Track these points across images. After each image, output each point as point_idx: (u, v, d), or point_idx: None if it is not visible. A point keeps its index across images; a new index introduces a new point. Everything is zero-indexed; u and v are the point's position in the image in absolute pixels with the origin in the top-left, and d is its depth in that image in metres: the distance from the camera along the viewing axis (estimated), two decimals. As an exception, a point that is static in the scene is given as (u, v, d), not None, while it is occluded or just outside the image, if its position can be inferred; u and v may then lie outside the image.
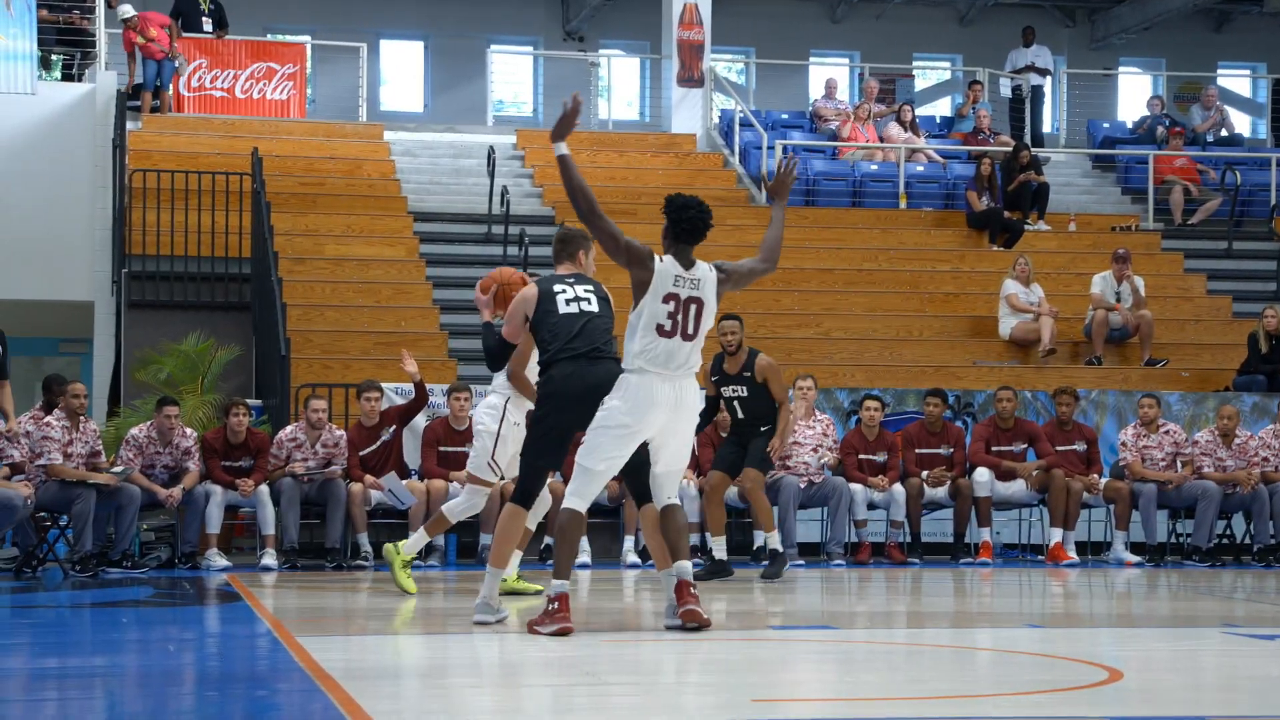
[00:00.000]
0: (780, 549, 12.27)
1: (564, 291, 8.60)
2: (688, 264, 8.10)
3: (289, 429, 13.45)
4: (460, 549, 13.73)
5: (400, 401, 13.79)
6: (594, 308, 8.52)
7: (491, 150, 18.78)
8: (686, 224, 8.10)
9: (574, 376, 8.28)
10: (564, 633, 7.89)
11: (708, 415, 12.50)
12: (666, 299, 8.00)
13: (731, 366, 12.26)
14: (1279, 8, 25.78)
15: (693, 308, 8.03)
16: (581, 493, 8.12)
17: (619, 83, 25.72)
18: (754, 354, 12.26)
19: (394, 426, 13.48)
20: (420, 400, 13.51)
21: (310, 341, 15.68)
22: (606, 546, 13.84)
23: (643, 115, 26.26)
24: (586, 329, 8.41)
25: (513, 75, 26.88)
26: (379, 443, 13.43)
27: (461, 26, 25.96)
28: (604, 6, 25.47)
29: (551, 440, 8.40)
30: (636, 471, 8.36)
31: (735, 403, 12.20)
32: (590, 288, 8.63)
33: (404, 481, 13.28)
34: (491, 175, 18.35)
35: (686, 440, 8.23)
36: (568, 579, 8.10)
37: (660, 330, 7.98)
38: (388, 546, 10.50)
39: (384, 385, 13.86)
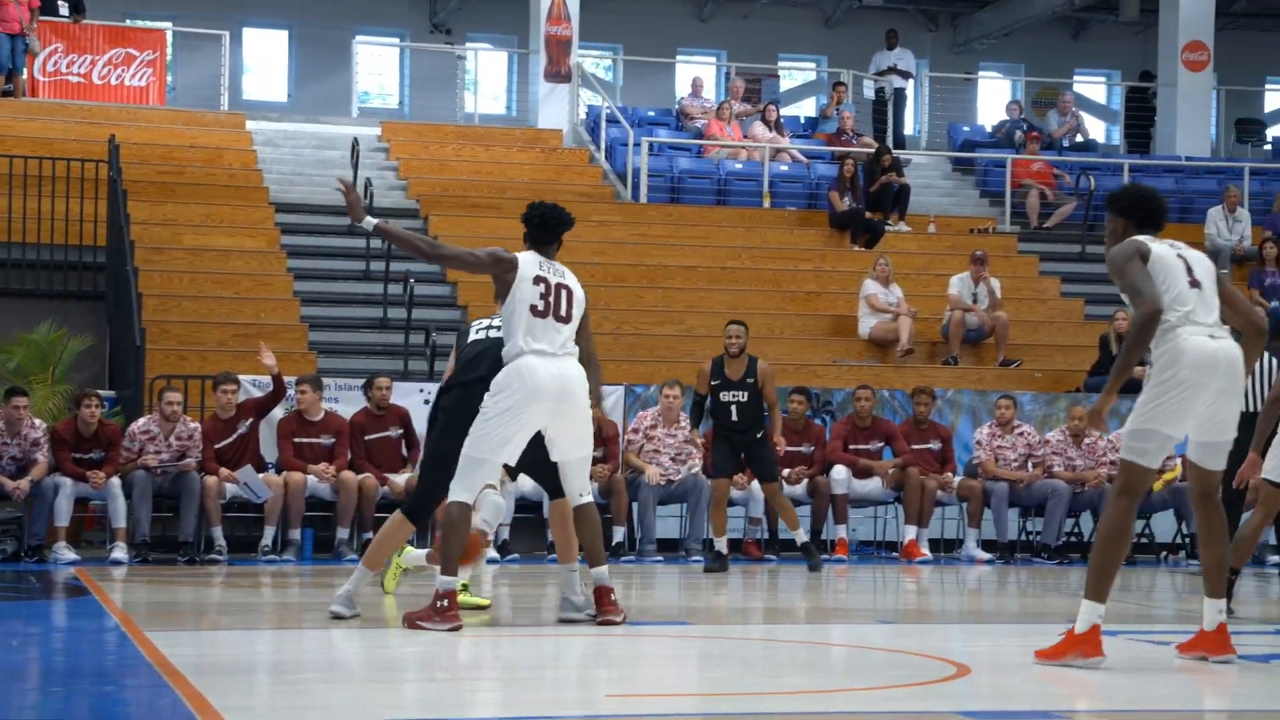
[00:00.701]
0: (810, 543, 12.91)
1: (479, 320, 8.72)
2: (549, 257, 8.23)
3: (142, 421, 13.23)
4: (316, 544, 13.59)
5: (258, 394, 13.62)
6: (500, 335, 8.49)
7: (355, 142, 18.62)
8: (538, 220, 8.22)
9: (462, 401, 8.28)
10: (455, 630, 7.84)
11: (697, 414, 12.74)
12: (536, 281, 8.07)
13: (734, 371, 12.60)
14: (1133, 17, 26.34)
15: (563, 292, 8.11)
16: (467, 485, 8.06)
17: (486, 76, 25.63)
18: (754, 360, 12.64)
19: (250, 419, 13.31)
20: (278, 393, 13.36)
21: (166, 332, 15.43)
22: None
23: (509, 109, 26.17)
24: (485, 354, 8.38)
25: (379, 67, 26.66)
26: (235, 435, 13.25)
27: (327, 16, 25.68)
28: (471, 0, 25.35)
29: (442, 461, 8.31)
30: (547, 470, 8.34)
31: (733, 407, 12.57)
32: None
33: (260, 475, 13.13)
34: (355, 167, 18.19)
35: (580, 426, 8.16)
36: (456, 575, 8.04)
37: (534, 310, 8.02)
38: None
39: (241, 378, 13.67)
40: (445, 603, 7.90)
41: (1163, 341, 6.91)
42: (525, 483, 12.24)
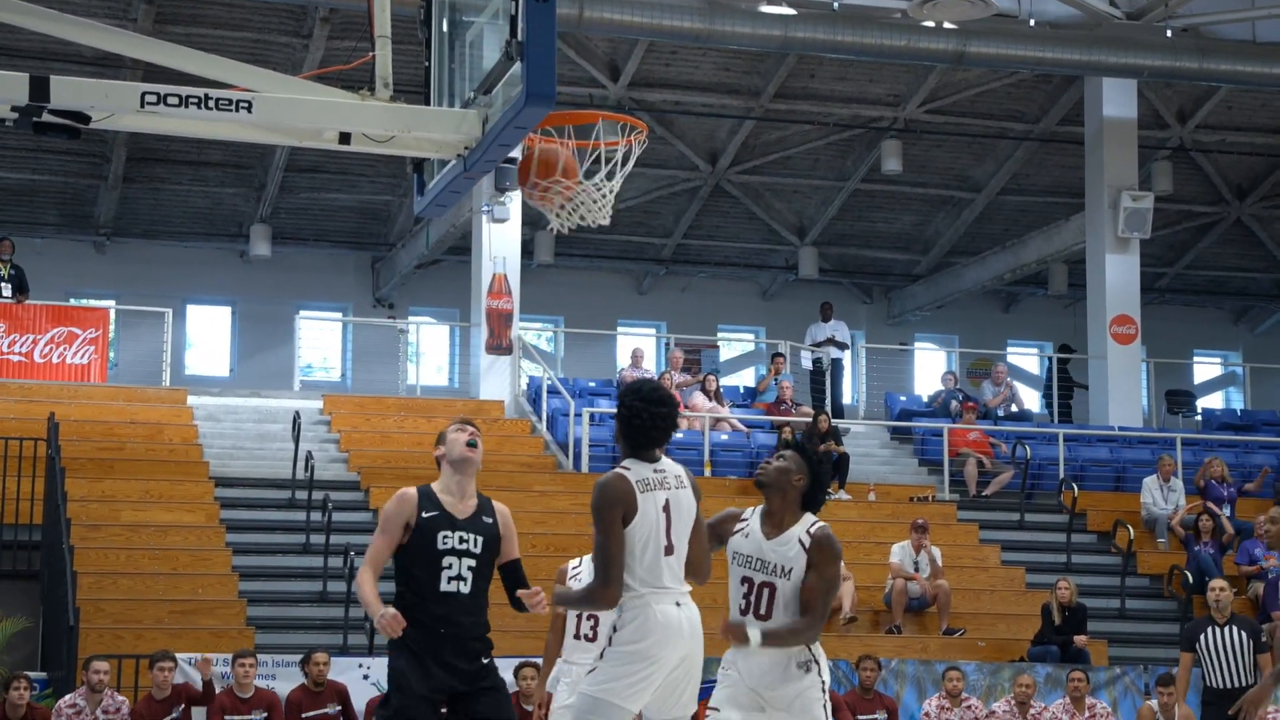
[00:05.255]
0: None
1: None
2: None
3: (69, 696, 12.99)
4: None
5: (194, 676, 13.39)
6: None
7: (297, 415, 18.65)
8: None
9: None
10: None
11: None
12: None
13: None
14: (1062, 290, 27.03)
15: None
16: None
17: (428, 349, 25.90)
18: None
19: (183, 705, 13.07)
20: (207, 698, 13.17)
21: (102, 610, 15.18)
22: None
23: (451, 381, 26.39)
24: None
25: (321, 340, 26.91)
26: (167, 719, 12.98)
27: (270, 292, 26.00)
28: (414, 274, 25.75)
29: None
30: None
31: None
32: None
33: (194, 760, 12.85)
34: (296, 440, 18.20)
35: None
36: None
37: None
38: None
39: (178, 655, 13.44)
40: None
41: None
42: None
